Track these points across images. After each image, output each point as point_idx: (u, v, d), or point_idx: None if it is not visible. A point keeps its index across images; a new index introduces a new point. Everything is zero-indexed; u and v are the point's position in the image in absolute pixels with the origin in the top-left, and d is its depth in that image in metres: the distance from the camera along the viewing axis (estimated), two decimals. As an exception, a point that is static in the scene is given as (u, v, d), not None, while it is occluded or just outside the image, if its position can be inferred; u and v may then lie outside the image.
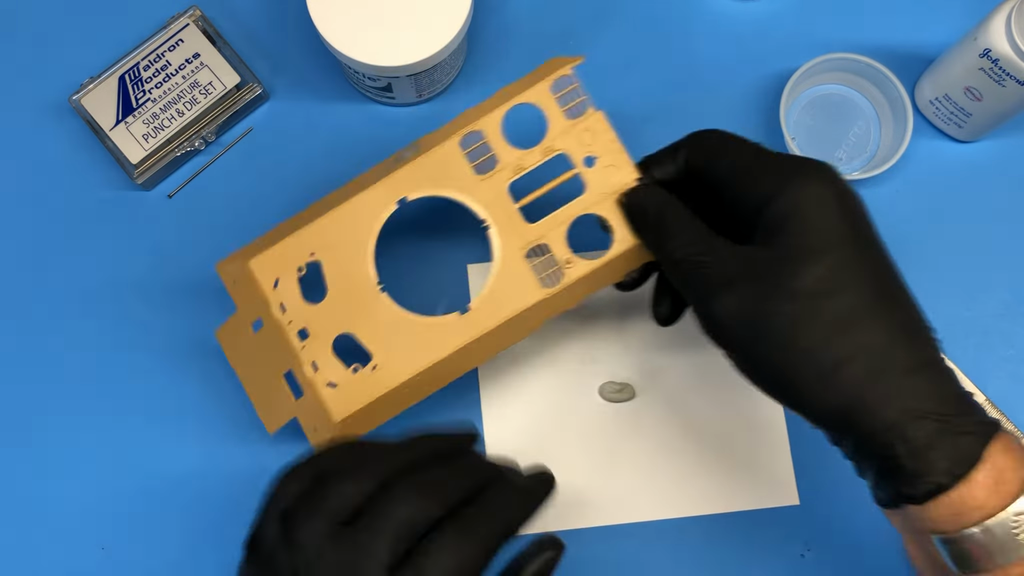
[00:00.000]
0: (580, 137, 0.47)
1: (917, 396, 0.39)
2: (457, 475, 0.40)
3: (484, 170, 0.47)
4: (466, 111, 0.49)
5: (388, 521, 0.38)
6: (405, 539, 0.38)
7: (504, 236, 0.47)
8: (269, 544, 0.39)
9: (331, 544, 0.38)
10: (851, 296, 0.40)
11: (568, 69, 0.48)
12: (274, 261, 0.47)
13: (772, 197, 0.42)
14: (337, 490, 0.39)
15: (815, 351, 0.39)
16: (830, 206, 0.41)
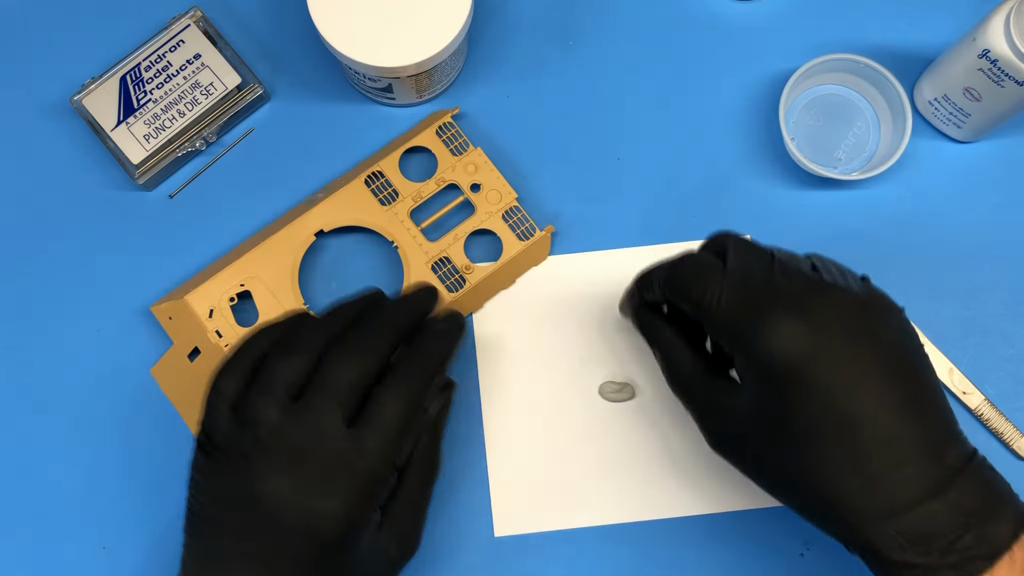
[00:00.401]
0: (465, 169, 0.57)
1: (895, 537, 0.39)
2: (384, 332, 0.45)
3: (388, 202, 0.56)
4: (365, 159, 0.58)
5: (336, 385, 0.43)
6: (355, 397, 0.43)
7: (411, 253, 0.55)
8: (224, 431, 0.43)
9: (287, 416, 0.42)
10: (827, 448, 0.40)
11: (448, 117, 0.57)
12: (208, 294, 0.54)
13: (739, 349, 0.42)
14: (280, 368, 0.43)
15: (805, 494, 0.41)
16: (794, 364, 0.40)
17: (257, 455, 0.42)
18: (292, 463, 0.42)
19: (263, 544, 0.42)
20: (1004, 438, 0.55)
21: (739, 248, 0.43)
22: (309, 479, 0.42)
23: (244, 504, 0.42)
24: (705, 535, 0.54)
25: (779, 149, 0.59)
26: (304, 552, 0.42)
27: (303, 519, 0.42)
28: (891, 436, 0.39)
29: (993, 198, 0.58)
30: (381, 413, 0.43)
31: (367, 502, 0.43)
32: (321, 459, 0.42)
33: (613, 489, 0.54)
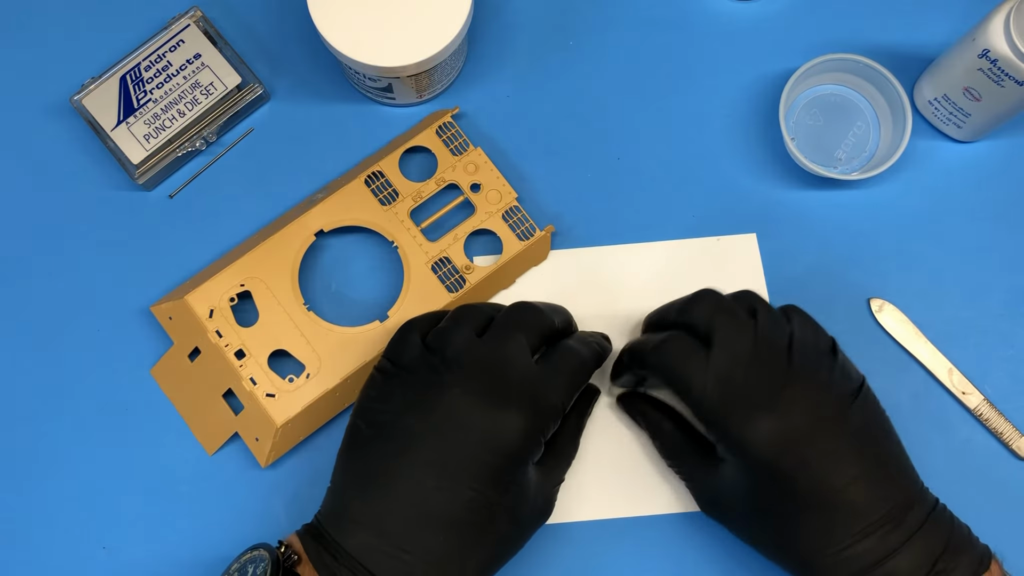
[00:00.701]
0: (465, 169, 0.57)
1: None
2: (559, 312, 0.51)
3: (388, 201, 0.56)
4: (365, 159, 0.58)
5: (523, 322, 0.48)
6: (537, 336, 0.48)
7: (411, 253, 0.55)
8: (412, 354, 0.47)
9: (477, 341, 0.47)
10: (791, 526, 0.46)
11: (448, 117, 0.57)
12: (208, 294, 0.54)
13: (717, 439, 0.47)
14: (467, 312, 0.48)
15: (782, 552, 0.47)
16: (763, 458, 0.45)
17: (448, 369, 0.46)
18: (482, 377, 0.46)
19: (446, 451, 0.45)
20: (1004, 438, 0.55)
21: (723, 328, 0.46)
22: (497, 393, 0.45)
23: (431, 413, 0.45)
24: (705, 533, 0.54)
25: (779, 149, 0.59)
26: (485, 461, 0.45)
27: (489, 429, 0.45)
28: (856, 511, 0.44)
29: (993, 198, 0.58)
30: (565, 356, 0.48)
31: (543, 427, 0.47)
32: (508, 378, 0.46)
33: (614, 484, 0.54)
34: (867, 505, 0.44)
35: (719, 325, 0.46)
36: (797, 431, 0.44)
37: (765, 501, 0.46)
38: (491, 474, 0.45)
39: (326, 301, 0.57)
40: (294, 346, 0.53)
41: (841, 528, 0.44)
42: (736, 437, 0.45)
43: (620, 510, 0.54)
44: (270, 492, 0.54)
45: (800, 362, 0.46)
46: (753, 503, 0.46)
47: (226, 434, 0.54)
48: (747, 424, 0.45)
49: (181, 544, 0.54)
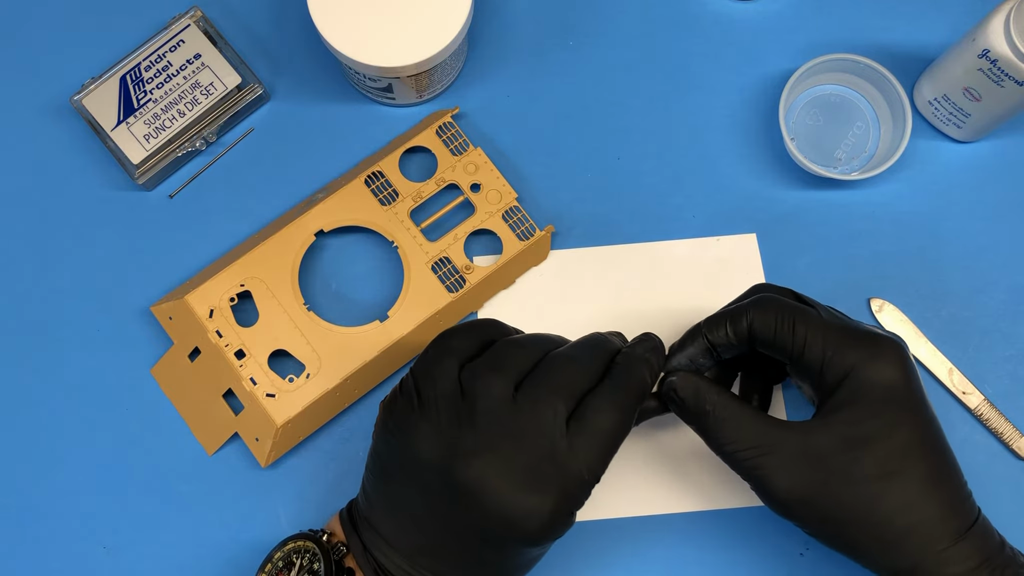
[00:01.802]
0: (465, 169, 0.57)
1: (966, 559, 0.42)
2: (604, 348, 0.46)
3: (388, 202, 0.56)
4: (365, 159, 0.58)
5: (562, 383, 0.43)
6: (574, 398, 0.43)
7: (411, 253, 0.55)
8: (444, 389, 0.43)
9: (511, 400, 0.42)
10: (912, 479, 0.43)
11: (448, 117, 0.57)
12: (208, 294, 0.54)
13: (842, 379, 0.44)
14: (512, 352, 0.44)
15: (880, 528, 0.43)
16: (899, 392, 0.43)
17: (472, 428, 0.42)
18: (507, 447, 0.42)
19: (458, 520, 0.42)
20: (1004, 438, 0.55)
21: (806, 299, 0.46)
22: (520, 468, 0.41)
23: (445, 475, 0.42)
24: (705, 533, 0.54)
25: (779, 149, 0.59)
26: (500, 539, 0.42)
27: (505, 510, 0.41)
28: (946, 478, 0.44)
29: (993, 198, 0.58)
30: (598, 421, 0.43)
31: (574, 504, 0.43)
32: (536, 451, 0.42)
33: (613, 485, 0.54)
34: (956, 475, 0.44)
35: (796, 294, 0.47)
36: (911, 371, 0.44)
37: (874, 446, 0.43)
38: (503, 554, 0.43)
39: (326, 301, 0.57)
40: (294, 346, 0.53)
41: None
42: (864, 370, 0.43)
43: (620, 510, 0.54)
44: (270, 492, 0.54)
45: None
46: (856, 455, 0.43)
47: (226, 434, 0.54)
48: (877, 355, 0.43)
49: (181, 544, 0.54)
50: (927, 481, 0.43)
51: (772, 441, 0.44)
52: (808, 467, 0.43)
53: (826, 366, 0.44)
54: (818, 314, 0.45)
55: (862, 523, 0.43)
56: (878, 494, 0.43)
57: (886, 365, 0.43)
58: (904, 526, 0.43)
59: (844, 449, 0.43)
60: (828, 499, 0.43)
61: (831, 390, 0.44)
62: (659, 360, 0.47)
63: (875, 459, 0.43)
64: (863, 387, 0.43)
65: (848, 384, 0.44)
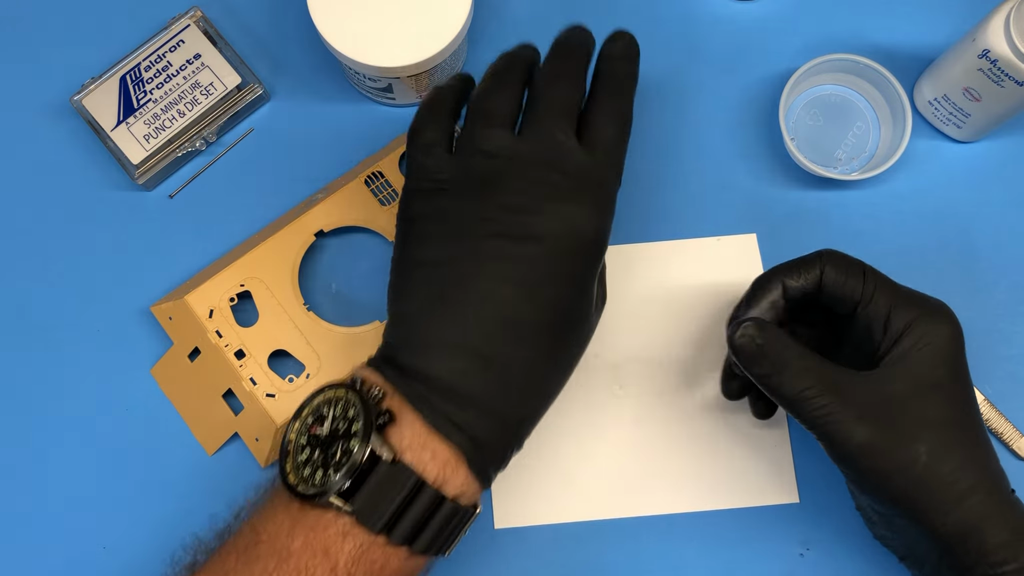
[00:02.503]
0: None
1: (1018, 518, 0.43)
2: (579, 56, 0.47)
3: (388, 202, 0.56)
4: (365, 159, 0.57)
5: (560, 102, 0.44)
6: (575, 116, 0.44)
7: None
8: (447, 168, 0.43)
9: (517, 140, 0.43)
10: (972, 431, 0.44)
11: None
12: (208, 294, 0.53)
13: (905, 329, 0.45)
14: (492, 99, 0.44)
15: (947, 482, 0.43)
16: (953, 348, 0.45)
17: (501, 177, 0.42)
18: (541, 173, 0.42)
19: (522, 262, 0.42)
20: (1004, 438, 0.55)
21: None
22: (558, 187, 0.42)
23: (494, 219, 0.42)
24: (704, 533, 0.54)
25: (779, 149, 0.59)
26: (562, 269, 0.42)
27: (560, 228, 0.42)
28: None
29: (993, 198, 0.58)
30: (602, 126, 0.45)
31: (612, 209, 0.45)
32: (565, 169, 0.43)
33: (613, 484, 0.54)
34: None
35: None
36: (963, 346, 0.45)
37: (944, 391, 0.44)
38: (568, 276, 0.43)
39: (326, 301, 0.57)
40: (294, 346, 0.53)
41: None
42: (927, 327, 0.44)
43: (620, 510, 0.54)
44: (270, 492, 0.54)
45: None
46: (931, 398, 0.44)
47: (226, 434, 0.54)
48: (936, 317, 0.45)
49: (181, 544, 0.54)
50: (982, 437, 0.44)
51: (845, 387, 0.43)
52: (882, 414, 0.43)
53: (893, 315, 0.45)
54: (880, 274, 0.47)
55: (932, 476, 0.42)
56: (948, 446, 0.43)
57: (946, 324, 0.45)
58: (970, 482, 0.43)
59: (917, 394, 0.43)
60: (901, 449, 0.43)
61: (896, 338, 0.45)
62: (636, 52, 0.48)
63: (946, 403, 0.44)
64: (928, 337, 0.44)
65: (913, 333, 0.44)
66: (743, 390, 0.52)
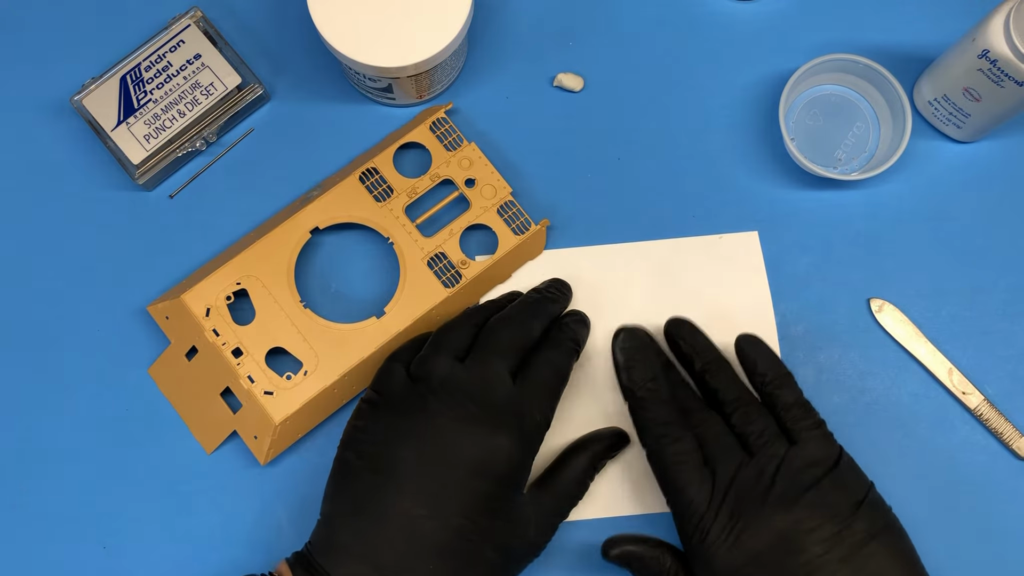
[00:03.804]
0: (460, 164, 0.57)
1: None
2: (536, 311, 0.52)
3: (383, 198, 0.56)
4: (359, 156, 0.58)
5: (499, 342, 0.49)
6: (516, 356, 0.49)
7: (407, 250, 0.55)
8: (399, 385, 0.48)
9: (458, 367, 0.48)
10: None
11: (442, 113, 0.57)
12: (204, 293, 0.54)
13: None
14: (446, 336, 0.50)
15: None
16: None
17: (434, 398, 0.47)
18: (466, 403, 0.47)
19: (435, 479, 0.46)
20: (1004, 438, 0.55)
21: (721, 456, 0.48)
22: (482, 419, 0.46)
23: (419, 441, 0.46)
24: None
25: (779, 149, 0.59)
26: (473, 488, 0.46)
27: (476, 455, 0.46)
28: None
29: (992, 198, 0.58)
30: (538, 373, 0.49)
31: (531, 446, 0.48)
32: (491, 401, 0.47)
33: (616, 482, 0.54)
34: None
35: (713, 455, 0.48)
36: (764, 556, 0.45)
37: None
38: (480, 501, 0.46)
39: (322, 298, 0.57)
40: (291, 343, 0.54)
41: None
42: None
43: (620, 509, 0.54)
44: (269, 490, 0.54)
45: (785, 486, 0.46)
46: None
47: (224, 433, 0.54)
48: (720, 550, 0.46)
49: (181, 543, 0.54)
50: None
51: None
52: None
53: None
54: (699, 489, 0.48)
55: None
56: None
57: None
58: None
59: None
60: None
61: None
62: (585, 329, 0.53)
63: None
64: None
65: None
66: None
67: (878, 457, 0.54)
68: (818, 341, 0.56)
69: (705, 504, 0.46)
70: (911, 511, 0.48)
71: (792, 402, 0.48)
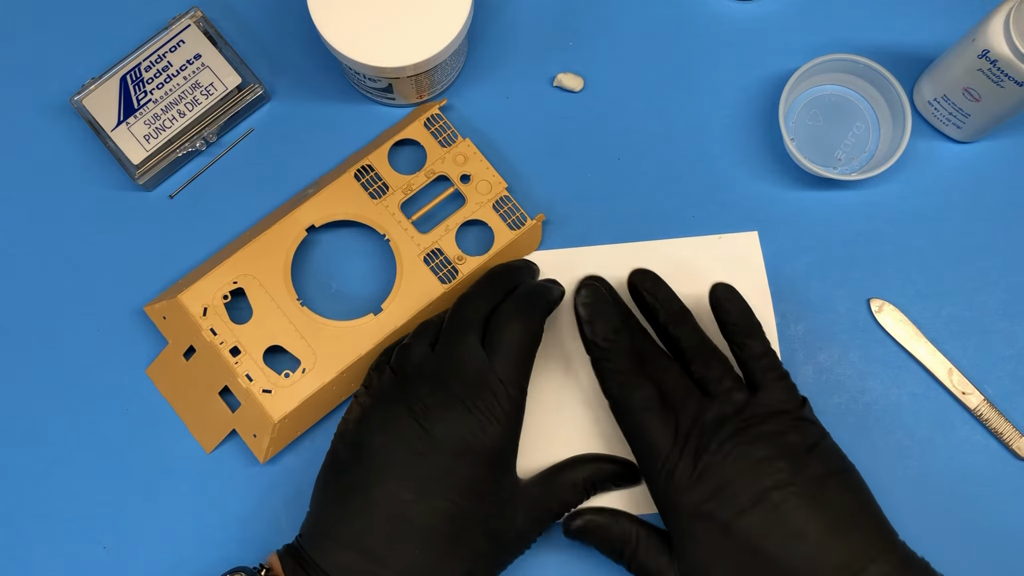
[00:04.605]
0: (455, 160, 0.57)
1: None
2: (496, 286, 0.51)
3: (378, 195, 0.56)
4: (354, 153, 0.58)
5: (464, 318, 0.49)
6: (478, 326, 0.49)
7: (403, 246, 0.55)
8: (379, 382, 0.49)
9: (431, 354, 0.48)
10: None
11: (436, 109, 0.57)
12: (201, 292, 0.54)
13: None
14: (424, 326, 0.51)
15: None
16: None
17: (411, 385, 0.48)
18: (440, 387, 0.47)
19: (420, 465, 0.46)
20: (1004, 438, 0.55)
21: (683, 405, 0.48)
22: (457, 400, 0.47)
23: (401, 430, 0.47)
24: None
25: (779, 149, 0.59)
26: (457, 470, 0.46)
27: (456, 436, 0.46)
28: (802, 568, 0.44)
29: (992, 198, 0.58)
30: (504, 337, 0.48)
31: (511, 420, 0.48)
32: (464, 379, 0.47)
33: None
34: (821, 557, 0.44)
35: (674, 401, 0.48)
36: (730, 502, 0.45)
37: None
38: (464, 482, 0.46)
39: (320, 296, 0.57)
40: (289, 341, 0.54)
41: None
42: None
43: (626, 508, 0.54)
44: (269, 488, 0.54)
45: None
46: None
47: (223, 432, 0.54)
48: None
49: (181, 543, 0.54)
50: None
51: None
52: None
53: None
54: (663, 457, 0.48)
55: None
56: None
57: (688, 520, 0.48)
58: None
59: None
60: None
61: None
62: (558, 286, 0.52)
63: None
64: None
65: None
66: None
67: (878, 457, 0.54)
68: (818, 341, 0.56)
69: (669, 445, 0.47)
70: (911, 511, 0.48)
71: (760, 352, 0.48)
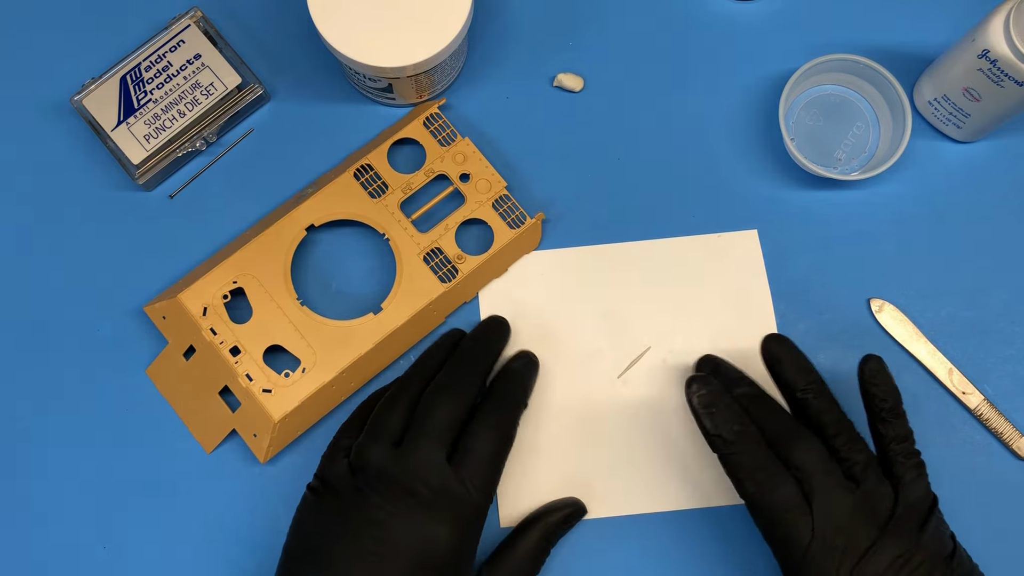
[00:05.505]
0: (454, 159, 0.57)
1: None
2: (470, 373, 0.50)
3: (378, 194, 0.56)
4: (353, 153, 0.58)
5: (433, 425, 0.47)
6: (451, 434, 0.47)
7: (403, 245, 0.55)
8: (339, 475, 0.47)
9: (394, 456, 0.47)
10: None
11: (435, 108, 0.57)
12: (201, 292, 0.54)
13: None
14: (381, 419, 0.48)
15: None
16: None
17: (371, 491, 0.46)
18: (402, 494, 0.46)
19: (373, 569, 0.45)
20: (1004, 438, 0.55)
21: (823, 492, 0.46)
22: (418, 507, 0.46)
23: (359, 538, 0.46)
24: (710, 529, 0.54)
25: (779, 149, 0.59)
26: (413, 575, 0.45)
27: (416, 544, 0.45)
28: None
29: (993, 198, 0.58)
30: (477, 446, 0.47)
31: (471, 529, 0.47)
32: (426, 489, 0.46)
33: (618, 481, 0.54)
34: None
35: (818, 488, 0.45)
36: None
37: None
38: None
39: (319, 295, 0.57)
40: (289, 341, 0.54)
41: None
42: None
43: (620, 508, 0.54)
44: (269, 488, 0.54)
45: (895, 527, 0.45)
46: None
47: (223, 431, 0.54)
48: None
49: (181, 543, 0.54)
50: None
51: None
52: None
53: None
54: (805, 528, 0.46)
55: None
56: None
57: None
58: None
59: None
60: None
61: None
62: (533, 374, 0.52)
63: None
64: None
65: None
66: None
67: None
68: (818, 341, 0.56)
69: (808, 538, 0.45)
70: (911, 511, 0.48)
71: (905, 434, 0.47)
